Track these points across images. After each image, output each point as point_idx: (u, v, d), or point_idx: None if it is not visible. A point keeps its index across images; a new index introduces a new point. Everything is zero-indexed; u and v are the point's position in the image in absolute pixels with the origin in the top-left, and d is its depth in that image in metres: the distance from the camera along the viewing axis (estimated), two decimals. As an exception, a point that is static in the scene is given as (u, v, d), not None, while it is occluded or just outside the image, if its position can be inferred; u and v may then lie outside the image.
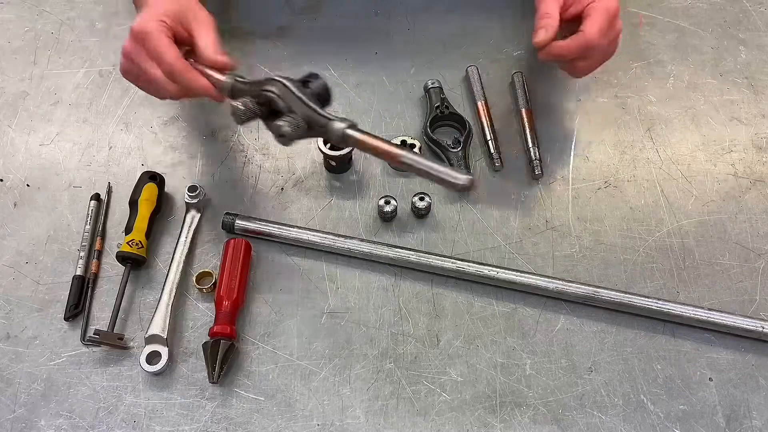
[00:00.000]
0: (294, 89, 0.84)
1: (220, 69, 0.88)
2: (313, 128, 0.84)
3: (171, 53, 0.85)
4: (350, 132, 0.82)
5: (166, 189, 1.03)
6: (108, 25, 1.21)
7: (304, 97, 0.83)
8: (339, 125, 0.82)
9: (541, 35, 0.94)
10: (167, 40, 0.86)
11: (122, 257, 0.95)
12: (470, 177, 0.78)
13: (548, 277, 0.95)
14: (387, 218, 1.02)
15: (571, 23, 0.96)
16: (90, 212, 1.00)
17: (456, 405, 0.89)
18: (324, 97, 0.86)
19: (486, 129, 1.08)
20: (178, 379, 0.90)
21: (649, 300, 0.93)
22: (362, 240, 0.98)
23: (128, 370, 0.90)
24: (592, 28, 0.93)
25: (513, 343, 0.93)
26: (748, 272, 0.98)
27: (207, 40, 0.88)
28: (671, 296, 0.96)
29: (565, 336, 0.93)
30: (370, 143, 0.82)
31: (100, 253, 0.98)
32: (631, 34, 1.19)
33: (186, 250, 0.97)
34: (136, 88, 1.13)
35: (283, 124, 0.82)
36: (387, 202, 1.01)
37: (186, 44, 0.90)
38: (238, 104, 0.83)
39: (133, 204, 0.98)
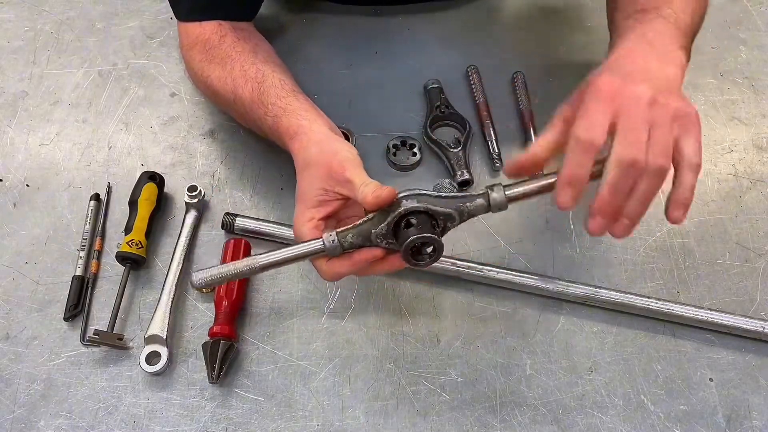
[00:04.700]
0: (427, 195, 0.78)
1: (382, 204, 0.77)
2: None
3: (318, 266, 0.80)
4: (509, 192, 0.77)
5: (165, 189, 1.02)
6: (108, 25, 1.21)
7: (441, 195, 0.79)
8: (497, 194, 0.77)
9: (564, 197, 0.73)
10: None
11: (122, 257, 0.95)
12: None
13: (548, 277, 0.95)
14: (387, 218, 1.01)
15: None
16: (90, 212, 1.00)
17: (456, 405, 0.88)
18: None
19: (486, 129, 1.08)
20: (178, 380, 0.90)
21: (650, 300, 0.93)
22: (362, 240, 0.97)
23: (128, 371, 0.90)
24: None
25: (513, 343, 0.93)
26: (749, 272, 0.98)
27: (360, 198, 0.77)
28: (671, 296, 0.96)
29: (565, 336, 0.93)
30: (531, 189, 0.77)
31: (99, 253, 0.98)
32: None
33: (186, 250, 0.97)
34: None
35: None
36: (387, 202, 1.00)
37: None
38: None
39: (133, 204, 0.98)
